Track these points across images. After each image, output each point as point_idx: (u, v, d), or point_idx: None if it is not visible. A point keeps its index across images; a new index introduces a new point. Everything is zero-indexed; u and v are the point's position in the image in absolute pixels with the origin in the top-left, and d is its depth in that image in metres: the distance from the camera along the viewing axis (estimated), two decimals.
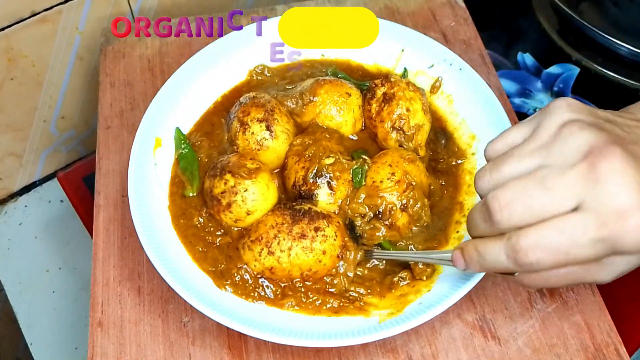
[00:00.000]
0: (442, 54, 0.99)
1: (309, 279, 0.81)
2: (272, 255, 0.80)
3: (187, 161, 0.92)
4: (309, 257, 0.80)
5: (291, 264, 0.80)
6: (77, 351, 1.14)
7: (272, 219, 0.81)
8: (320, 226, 0.80)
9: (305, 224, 0.79)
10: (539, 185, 0.57)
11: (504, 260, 0.59)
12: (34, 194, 1.29)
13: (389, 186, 0.84)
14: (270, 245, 0.79)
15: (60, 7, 1.08)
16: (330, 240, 0.80)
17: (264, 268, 0.81)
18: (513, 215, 0.58)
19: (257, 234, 0.81)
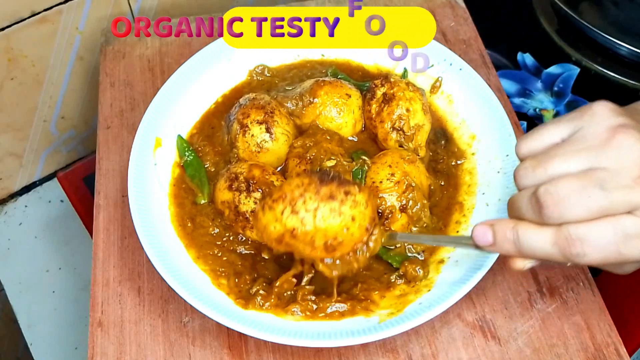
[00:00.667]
0: (442, 54, 0.99)
1: (332, 252, 0.73)
2: (295, 215, 0.71)
3: (193, 168, 0.92)
4: (336, 221, 0.71)
5: (315, 228, 0.71)
6: (77, 351, 1.14)
7: (297, 180, 0.72)
8: (351, 191, 0.72)
9: (334, 187, 0.71)
10: (597, 187, 0.58)
11: (548, 248, 0.61)
12: (34, 194, 1.30)
13: (388, 187, 0.84)
14: (294, 203, 0.71)
15: (60, 7, 1.09)
16: (361, 208, 0.72)
17: (284, 230, 0.72)
18: (566, 211, 0.59)
19: (280, 192, 0.72)
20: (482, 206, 0.86)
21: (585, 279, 0.84)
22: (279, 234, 0.72)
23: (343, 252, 0.74)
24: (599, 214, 0.58)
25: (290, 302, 0.80)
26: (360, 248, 0.75)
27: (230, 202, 0.84)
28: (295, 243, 0.73)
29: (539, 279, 0.84)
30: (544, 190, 0.60)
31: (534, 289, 0.83)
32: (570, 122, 0.64)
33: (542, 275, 0.84)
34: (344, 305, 0.79)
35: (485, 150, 0.91)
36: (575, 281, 0.84)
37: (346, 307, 0.79)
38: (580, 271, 0.84)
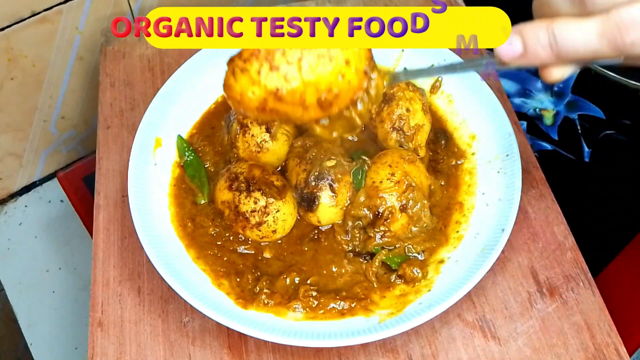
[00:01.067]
0: (442, 54, 0.98)
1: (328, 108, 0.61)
2: (276, 71, 0.59)
3: (193, 168, 0.92)
4: (327, 69, 0.59)
5: (304, 83, 0.59)
6: (77, 351, 1.14)
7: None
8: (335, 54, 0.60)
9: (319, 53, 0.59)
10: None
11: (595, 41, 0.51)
12: (34, 194, 1.29)
13: (388, 187, 0.84)
14: (272, 58, 0.58)
15: (60, 7, 1.09)
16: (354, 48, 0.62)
17: (266, 93, 0.59)
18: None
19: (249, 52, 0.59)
20: (482, 206, 0.86)
21: (585, 279, 0.84)
22: (260, 99, 0.59)
23: (341, 106, 0.62)
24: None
25: (292, 298, 0.80)
26: (361, 97, 0.63)
27: (230, 202, 0.84)
28: (282, 106, 0.60)
29: (539, 279, 0.84)
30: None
31: (534, 289, 0.83)
32: None
33: (542, 275, 0.84)
34: (344, 303, 0.79)
35: (485, 150, 0.91)
36: (575, 281, 0.84)
37: (346, 305, 0.79)
38: (580, 271, 0.84)
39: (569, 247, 0.86)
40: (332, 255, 0.85)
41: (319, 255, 0.85)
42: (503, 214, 0.82)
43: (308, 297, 0.80)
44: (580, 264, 0.85)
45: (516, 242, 0.87)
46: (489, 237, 0.81)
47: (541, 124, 1.15)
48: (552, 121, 1.15)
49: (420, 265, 0.82)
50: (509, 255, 0.86)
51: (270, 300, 0.80)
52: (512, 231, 0.80)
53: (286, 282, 0.82)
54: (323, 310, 0.79)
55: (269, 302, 0.80)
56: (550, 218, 0.89)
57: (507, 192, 0.84)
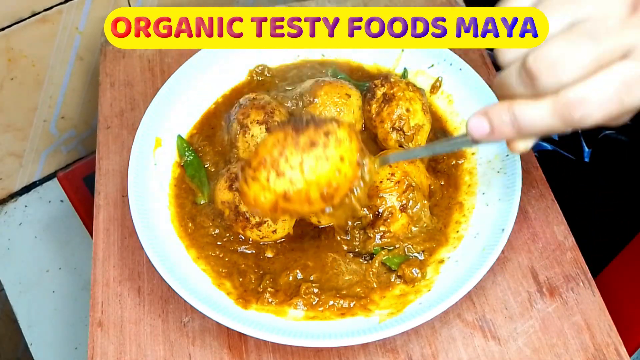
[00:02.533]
0: (442, 54, 0.99)
1: (330, 200, 0.69)
2: (282, 177, 0.67)
3: (193, 168, 0.92)
4: (325, 168, 0.67)
5: (307, 183, 0.67)
6: (77, 351, 1.14)
7: (272, 137, 0.68)
8: (330, 130, 0.67)
9: (312, 132, 0.67)
10: (587, 39, 0.54)
11: (549, 119, 0.57)
12: (34, 194, 1.29)
13: (388, 187, 0.84)
14: (277, 165, 0.66)
15: (60, 7, 1.09)
16: (346, 144, 0.67)
17: (276, 196, 0.68)
18: (562, 73, 0.55)
19: (258, 157, 0.68)
20: (482, 206, 0.86)
21: (585, 279, 0.84)
22: (271, 202, 0.68)
23: (341, 195, 0.69)
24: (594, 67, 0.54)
25: (294, 295, 0.80)
26: (357, 185, 0.70)
27: (231, 202, 0.84)
28: (291, 205, 0.68)
29: (539, 279, 0.84)
30: (533, 58, 0.56)
31: (534, 289, 0.83)
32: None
33: (542, 276, 0.84)
34: (344, 301, 0.79)
35: (485, 150, 0.91)
36: (575, 281, 0.84)
37: (346, 303, 0.79)
38: (580, 271, 0.84)
39: (569, 247, 0.86)
40: (332, 252, 0.85)
41: (321, 252, 0.85)
42: (503, 214, 0.82)
43: (309, 294, 0.80)
44: (580, 264, 0.85)
45: (516, 242, 0.87)
46: (489, 237, 0.81)
47: None
48: None
49: (419, 265, 0.82)
50: (508, 255, 0.86)
51: (275, 298, 0.80)
52: (512, 231, 0.80)
53: (289, 278, 0.82)
54: (323, 308, 0.79)
55: (273, 301, 0.80)
56: (550, 218, 0.89)
57: (507, 192, 0.84)
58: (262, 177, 0.67)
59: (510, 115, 0.59)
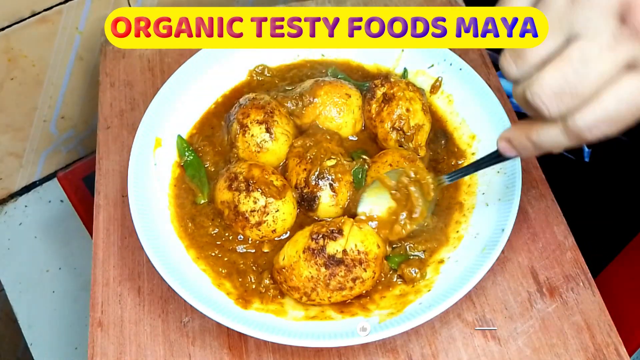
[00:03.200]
0: (442, 54, 0.99)
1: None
2: (312, 301, 0.79)
3: (193, 168, 0.92)
4: (349, 298, 0.80)
5: (331, 303, 0.80)
6: (77, 351, 1.14)
7: (306, 270, 0.77)
8: (358, 275, 0.78)
9: (342, 277, 0.77)
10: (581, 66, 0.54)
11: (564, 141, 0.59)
12: (34, 194, 1.29)
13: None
14: (309, 295, 0.78)
15: (60, 7, 1.09)
16: (369, 281, 0.79)
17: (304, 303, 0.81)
18: (563, 105, 0.56)
19: (293, 282, 0.79)
20: (482, 206, 0.86)
21: (585, 279, 0.84)
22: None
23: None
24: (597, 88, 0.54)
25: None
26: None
27: (230, 202, 0.84)
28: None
29: (539, 279, 0.84)
30: (531, 95, 0.57)
31: (534, 289, 0.83)
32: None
33: (542, 276, 0.84)
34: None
35: (485, 150, 0.91)
36: (575, 281, 0.84)
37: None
38: (580, 271, 0.84)
39: (569, 247, 0.86)
40: None
41: None
42: (503, 214, 0.82)
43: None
44: (580, 264, 0.85)
45: (516, 242, 0.87)
46: (489, 237, 0.81)
47: None
48: None
49: (418, 265, 0.82)
50: (508, 255, 0.86)
51: (276, 291, 0.81)
52: (512, 231, 0.80)
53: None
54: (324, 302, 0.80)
55: (276, 297, 0.81)
56: (550, 218, 0.89)
57: (507, 192, 0.84)
58: (295, 295, 0.79)
59: (529, 141, 0.63)
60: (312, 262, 0.77)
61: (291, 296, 0.80)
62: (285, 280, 0.79)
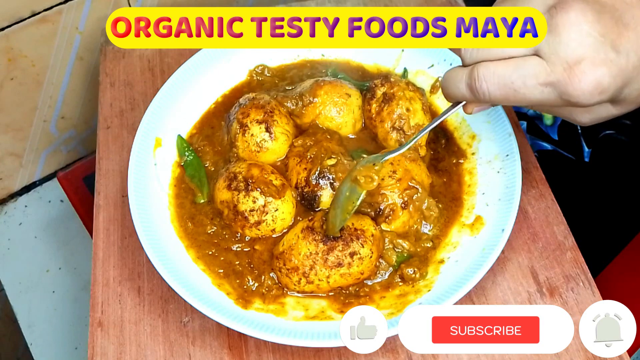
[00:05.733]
0: (442, 54, 0.99)
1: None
2: (311, 284, 0.80)
3: (193, 168, 0.92)
4: (347, 280, 0.80)
5: (331, 286, 0.80)
6: (77, 351, 1.15)
7: (304, 247, 0.79)
8: (356, 250, 0.79)
9: (339, 251, 0.78)
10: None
11: (463, 88, 0.65)
12: (34, 194, 1.30)
13: (390, 184, 0.84)
14: (307, 275, 0.79)
15: (60, 7, 1.09)
16: (367, 260, 0.80)
17: (303, 291, 0.81)
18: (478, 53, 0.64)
19: (291, 263, 0.79)
20: (482, 206, 0.86)
21: (585, 279, 0.84)
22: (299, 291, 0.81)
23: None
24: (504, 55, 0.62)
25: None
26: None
27: (229, 202, 0.84)
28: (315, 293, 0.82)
29: (539, 279, 0.84)
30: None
31: (534, 289, 0.83)
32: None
33: (542, 276, 0.84)
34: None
35: (485, 150, 0.91)
36: (575, 281, 0.84)
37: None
38: (580, 271, 0.84)
39: (569, 247, 0.86)
40: None
41: None
42: (503, 214, 0.82)
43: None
44: (580, 264, 0.85)
45: (516, 242, 0.87)
46: (489, 237, 0.81)
47: (541, 124, 1.15)
48: (552, 121, 1.15)
49: (418, 265, 0.82)
50: (508, 255, 0.86)
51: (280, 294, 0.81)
52: (512, 231, 0.80)
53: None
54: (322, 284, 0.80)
55: (278, 296, 0.81)
56: (550, 218, 0.89)
57: (507, 192, 0.84)
58: (293, 278, 0.80)
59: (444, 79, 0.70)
60: (311, 239, 0.79)
61: (290, 281, 0.80)
62: (284, 263, 0.80)
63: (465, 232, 0.85)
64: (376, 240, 0.80)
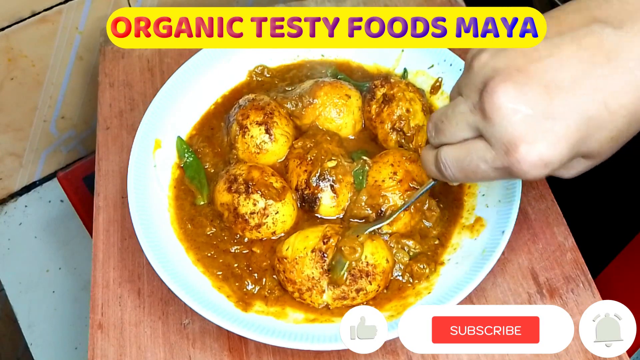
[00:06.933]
0: (442, 54, 0.98)
1: None
2: (303, 301, 0.80)
3: (193, 170, 0.92)
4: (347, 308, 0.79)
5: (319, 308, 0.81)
6: (77, 351, 1.15)
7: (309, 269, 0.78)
8: (363, 287, 0.78)
9: (346, 286, 0.78)
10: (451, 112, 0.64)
11: (434, 170, 0.68)
12: (34, 194, 1.29)
13: (390, 185, 0.84)
14: (302, 293, 0.79)
15: (60, 7, 1.09)
16: (372, 294, 0.79)
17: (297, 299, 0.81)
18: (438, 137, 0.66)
19: (292, 276, 0.79)
20: (482, 207, 0.86)
21: (586, 280, 0.84)
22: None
23: None
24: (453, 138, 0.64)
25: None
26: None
27: (230, 204, 0.84)
28: None
29: (539, 280, 0.84)
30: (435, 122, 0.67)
31: (534, 290, 0.83)
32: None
33: (542, 277, 0.84)
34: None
35: None
36: (575, 282, 0.84)
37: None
38: (580, 272, 0.84)
39: (569, 248, 0.86)
40: None
41: None
42: (503, 215, 0.82)
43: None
44: (581, 265, 0.85)
45: (516, 243, 0.86)
46: (489, 238, 0.81)
47: None
48: None
49: (427, 261, 0.82)
50: (509, 256, 0.86)
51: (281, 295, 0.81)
52: (512, 232, 0.80)
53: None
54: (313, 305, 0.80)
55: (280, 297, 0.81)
56: (550, 219, 0.89)
57: (507, 193, 0.84)
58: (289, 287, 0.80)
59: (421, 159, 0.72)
60: (319, 266, 0.78)
61: (287, 286, 0.80)
62: (284, 270, 0.80)
63: (466, 233, 0.85)
64: (385, 274, 0.80)
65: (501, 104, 0.58)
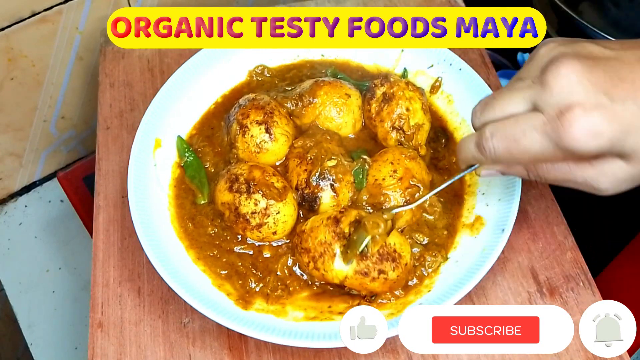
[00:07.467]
0: (441, 54, 0.98)
1: None
2: (317, 270, 0.80)
3: (193, 169, 0.92)
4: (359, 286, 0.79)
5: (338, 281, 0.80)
6: (77, 351, 1.15)
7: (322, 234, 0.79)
8: (385, 270, 0.77)
9: (372, 262, 0.77)
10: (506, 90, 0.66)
11: (473, 148, 0.68)
12: (34, 194, 1.29)
13: (391, 183, 0.84)
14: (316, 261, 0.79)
15: (60, 7, 1.09)
16: (389, 283, 0.79)
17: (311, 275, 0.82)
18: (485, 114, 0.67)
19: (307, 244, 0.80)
20: (482, 206, 0.86)
21: (585, 279, 0.84)
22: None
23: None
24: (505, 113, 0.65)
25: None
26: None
27: (231, 204, 0.84)
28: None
29: (539, 279, 0.84)
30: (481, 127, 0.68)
31: (534, 289, 0.83)
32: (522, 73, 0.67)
33: (542, 276, 0.84)
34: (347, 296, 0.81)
35: None
36: (575, 281, 0.84)
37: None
38: (580, 271, 0.84)
39: (569, 247, 0.86)
40: None
41: None
42: (503, 214, 0.82)
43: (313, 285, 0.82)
44: (580, 264, 0.85)
45: (516, 242, 0.87)
46: (489, 237, 0.81)
47: None
48: None
49: (437, 249, 0.82)
50: (508, 255, 0.86)
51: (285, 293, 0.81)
52: (512, 231, 0.80)
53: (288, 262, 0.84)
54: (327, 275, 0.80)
55: (281, 297, 0.81)
56: (550, 218, 0.89)
57: (507, 192, 0.84)
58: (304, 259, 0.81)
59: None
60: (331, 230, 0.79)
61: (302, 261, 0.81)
62: (301, 242, 0.81)
63: (465, 232, 0.85)
64: (407, 269, 0.80)
65: (566, 73, 0.60)
